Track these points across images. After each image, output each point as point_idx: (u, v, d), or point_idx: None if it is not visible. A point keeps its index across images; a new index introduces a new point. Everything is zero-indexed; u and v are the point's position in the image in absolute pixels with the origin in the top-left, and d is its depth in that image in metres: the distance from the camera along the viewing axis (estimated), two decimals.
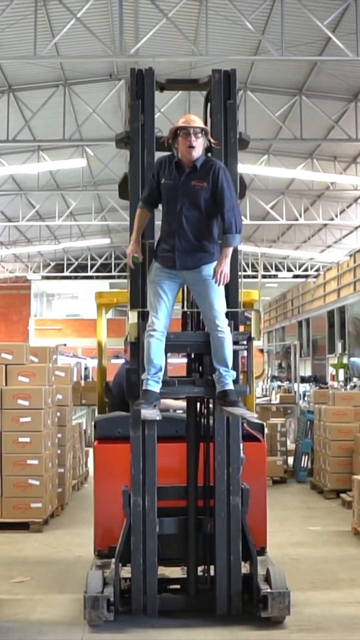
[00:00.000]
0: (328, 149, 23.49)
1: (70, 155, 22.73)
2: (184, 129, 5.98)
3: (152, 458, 6.05)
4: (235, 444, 6.11)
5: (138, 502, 6.01)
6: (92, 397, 14.37)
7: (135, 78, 6.39)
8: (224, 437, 6.11)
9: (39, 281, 44.31)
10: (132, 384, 6.11)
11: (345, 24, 15.22)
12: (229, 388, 5.95)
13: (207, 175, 5.99)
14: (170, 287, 6.06)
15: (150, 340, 5.94)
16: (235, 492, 6.06)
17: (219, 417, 6.09)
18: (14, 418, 9.87)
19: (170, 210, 6.06)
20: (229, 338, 5.98)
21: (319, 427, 13.33)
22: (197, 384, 6.18)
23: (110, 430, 7.03)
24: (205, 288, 5.99)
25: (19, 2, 14.37)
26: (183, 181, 6.02)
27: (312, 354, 36.95)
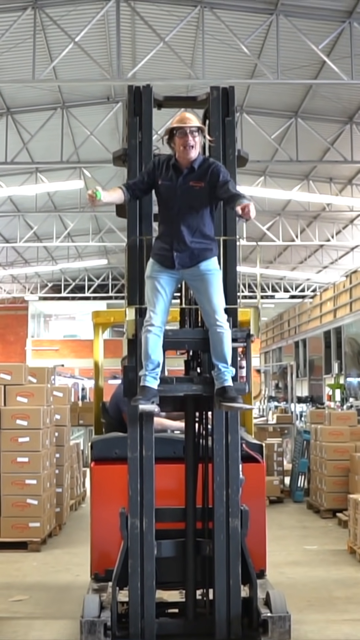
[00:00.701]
0: (324, 171, 23.66)
1: (68, 177, 22.88)
2: (180, 128, 5.86)
3: (150, 479, 5.88)
4: (234, 465, 5.96)
5: (135, 524, 5.85)
6: (89, 418, 14.42)
7: (132, 95, 6.28)
8: (222, 458, 5.94)
9: (36, 302, 44.39)
10: (130, 382, 5.95)
11: (339, 47, 15.40)
12: (228, 384, 5.80)
13: (205, 175, 5.89)
14: (168, 282, 5.92)
15: (148, 336, 5.80)
16: (234, 514, 5.92)
17: (218, 438, 5.94)
18: (12, 438, 9.93)
19: (168, 211, 5.96)
20: (228, 334, 5.84)
21: (316, 446, 13.39)
22: (195, 381, 6.04)
23: (107, 451, 6.88)
24: (204, 283, 5.88)
25: (18, 26, 14.55)
26: (181, 182, 5.91)
27: (309, 374, 36.93)
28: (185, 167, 5.92)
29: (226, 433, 5.94)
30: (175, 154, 5.94)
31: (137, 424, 5.90)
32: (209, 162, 5.99)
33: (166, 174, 5.96)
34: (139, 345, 5.88)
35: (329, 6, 14.63)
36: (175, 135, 5.87)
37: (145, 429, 5.87)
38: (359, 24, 14.73)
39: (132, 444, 5.90)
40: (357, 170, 23.27)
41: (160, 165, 6.00)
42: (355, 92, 17.92)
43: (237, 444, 6.00)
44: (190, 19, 14.76)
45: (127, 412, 6.02)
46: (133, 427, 5.93)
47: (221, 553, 5.88)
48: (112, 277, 40.33)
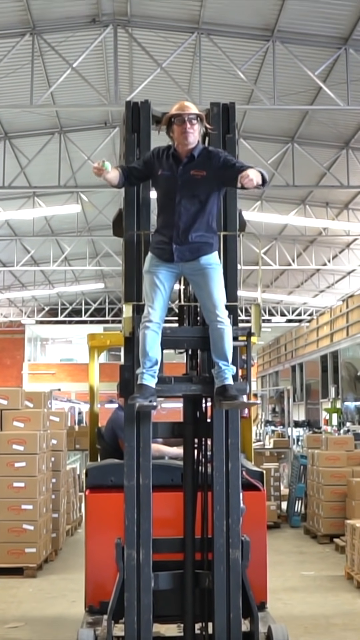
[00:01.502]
0: (320, 195, 23.75)
1: (65, 201, 22.95)
2: (178, 116, 5.67)
3: (147, 508, 5.61)
4: (234, 493, 5.70)
5: (132, 555, 5.56)
6: (86, 442, 14.36)
7: (130, 111, 6.08)
8: (223, 486, 5.67)
9: (33, 325, 44.38)
10: (127, 381, 5.71)
11: (335, 73, 15.50)
12: (229, 383, 5.57)
13: (206, 163, 5.68)
14: (167, 277, 5.70)
15: (146, 332, 5.56)
16: (235, 545, 5.64)
17: (218, 465, 5.67)
18: (8, 463, 9.92)
19: (168, 202, 5.73)
20: (229, 330, 5.61)
21: (312, 471, 13.38)
22: (194, 381, 5.82)
23: (103, 478, 6.72)
24: (204, 278, 5.65)
25: (16, 52, 14.63)
26: (181, 172, 5.69)
27: (306, 398, 36.93)
28: (185, 156, 5.73)
29: (226, 460, 5.70)
30: (174, 143, 5.77)
31: (135, 452, 5.64)
32: (210, 149, 5.82)
33: (166, 164, 5.76)
34: (136, 343, 5.67)
35: (325, 33, 14.74)
36: (173, 124, 5.70)
37: (142, 456, 5.63)
38: (354, 51, 14.83)
39: (129, 472, 5.65)
40: (354, 195, 23.36)
41: (159, 155, 5.81)
42: (351, 118, 18.03)
43: (238, 471, 5.75)
44: (187, 45, 14.86)
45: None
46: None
47: (221, 585, 5.62)
48: (108, 301, 40.36)
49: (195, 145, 5.72)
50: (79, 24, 14.97)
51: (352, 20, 14.15)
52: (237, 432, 5.74)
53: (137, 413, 5.58)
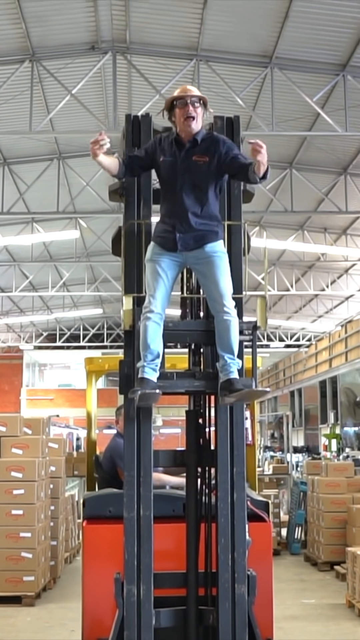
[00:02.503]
0: (318, 221, 23.79)
1: (64, 227, 22.97)
2: (180, 98, 5.51)
3: (148, 541, 5.32)
4: (240, 525, 5.42)
5: (132, 591, 5.28)
6: (84, 468, 14.30)
7: (131, 125, 5.88)
8: (228, 517, 5.40)
9: (31, 351, 44.33)
10: (127, 377, 5.45)
11: (333, 100, 15.57)
12: (234, 377, 5.30)
13: (209, 148, 5.49)
14: (170, 266, 5.46)
15: (147, 324, 5.30)
16: (240, 580, 5.34)
17: (222, 496, 5.38)
18: (7, 490, 9.85)
19: (170, 189, 5.53)
20: (235, 322, 5.35)
21: (312, 498, 13.31)
22: (197, 377, 5.57)
23: (101, 509, 6.38)
24: (210, 266, 5.41)
25: (15, 78, 14.69)
26: (183, 157, 5.50)
27: (305, 424, 36.85)
28: (188, 141, 5.53)
29: (232, 490, 5.42)
30: (176, 128, 5.58)
31: (135, 481, 5.35)
32: (213, 135, 5.62)
33: (168, 150, 5.56)
34: (137, 337, 5.42)
35: (323, 59, 14.81)
36: (176, 107, 5.53)
37: (142, 485, 5.37)
38: (352, 77, 14.90)
39: (129, 503, 5.38)
40: (352, 221, 23.40)
41: (161, 142, 5.62)
42: (350, 144, 18.10)
43: (244, 502, 5.47)
44: (186, 71, 14.92)
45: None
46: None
47: (226, 623, 5.31)
48: (107, 327, 40.34)
49: (198, 131, 5.54)
50: (78, 50, 15.04)
51: (350, 47, 14.23)
52: (243, 460, 5.48)
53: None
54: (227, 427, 5.45)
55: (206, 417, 5.80)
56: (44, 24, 13.98)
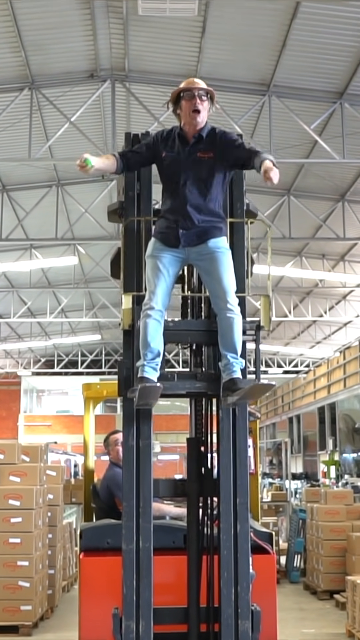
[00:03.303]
0: (316, 247, 23.85)
1: (62, 253, 23.01)
2: (187, 90, 5.39)
3: (147, 575, 5.10)
4: (243, 557, 5.18)
5: (131, 627, 5.03)
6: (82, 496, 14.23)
7: (130, 143, 5.70)
8: (230, 549, 5.15)
9: (29, 377, 44.28)
10: (126, 380, 5.27)
11: (331, 127, 15.65)
12: (237, 376, 5.12)
13: (213, 144, 5.37)
14: (172, 262, 5.30)
15: (147, 321, 5.12)
16: (244, 616, 5.08)
17: (225, 527, 5.18)
18: (4, 518, 9.79)
19: (173, 185, 5.38)
20: (239, 320, 5.18)
21: (312, 526, 13.24)
22: (199, 377, 5.38)
23: (98, 540, 6.16)
24: (213, 262, 5.25)
25: (15, 106, 14.77)
26: (187, 153, 5.38)
27: (303, 450, 36.69)
28: (192, 136, 5.42)
29: (235, 521, 5.20)
30: (181, 122, 5.48)
31: (134, 512, 5.14)
32: (218, 130, 5.50)
33: (171, 146, 5.44)
34: (136, 337, 5.24)
35: (320, 87, 14.91)
36: (182, 99, 5.41)
37: (142, 517, 5.15)
38: (349, 105, 14.99)
39: (127, 534, 5.16)
40: (350, 247, 23.45)
41: (163, 137, 5.50)
42: (347, 171, 18.18)
43: (247, 534, 5.25)
44: None
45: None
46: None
47: None
48: (105, 353, 40.32)
49: (203, 126, 5.43)
50: (77, 78, 15.13)
51: (347, 75, 14.33)
52: (247, 489, 5.28)
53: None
54: (230, 455, 5.27)
55: (208, 444, 5.64)
56: (43, 52, 14.07)
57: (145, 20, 12.72)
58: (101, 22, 13.51)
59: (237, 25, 13.14)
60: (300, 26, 12.92)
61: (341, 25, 12.94)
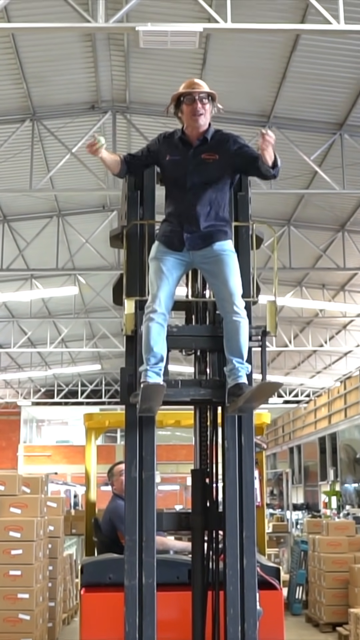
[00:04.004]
0: (317, 277, 23.89)
1: (63, 284, 23.04)
2: (187, 94, 5.28)
3: (150, 612, 4.93)
4: (250, 593, 5.01)
5: None
6: (82, 527, 14.15)
7: None
8: (237, 585, 4.98)
9: (29, 407, 44.18)
10: (129, 387, 5.15)
11: (331, 158, 15.73)
12: (243, 381, 4.97)
13: (219, 146, 5.28)
14: (175, 265, 5.18)
15: (150, 325, 4.99)
16: None
17: (231, 562, 4.99)
18: (5, 550, 9.71)
19: (177, 189, 5.29)
20: (245, 324, 5.05)
21: (313, 557, 13.15)
22: (203, 385, 5.27)
23: (100, 575, 5.95)
24: (219, 265, 5.14)
25: (16, 137, 14.85)
26: (192, 155, 5.26)
27: (304, 480, 36.58)
28: (197, 139, 5.31)
29: (241, 556, 5.03)
30: (183, 125, 5.37)
31: (137, 546, 4.98)
32: (223, 132, 5.41)
33: (174, 149, 5.33)
34: (139, 342, 5.10)
35: (320, 119, 15.00)
36: (182, 103, 5.31)
37: (145, 551, 4.98)
38: (349, 136, 15.08)
39: (130, 570, 5.00)
40: (350, 277, 23.49)
41: (165, 140, 5.42)
42: (347, 201, 18.23)
43: (254, 568, 5.08)
44: None
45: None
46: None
47: None
48: (105, 383, 40.26)
49: (206, 128, 5.35)
50: (79, 110, 15.24)
51: (347, 106, 14.42)
52: (253, 523, 5.13)
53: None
54: (236, 487, 5.14)
55: (213, 475, 5.50)
56: (44, 84, 14.17)
57: (146, 53, 12.81)
58: (102, 55, 13.62)
59: (238, 57, 13.24)
60: (300, 58, 13.03)
61: (340, 57, 13.04)
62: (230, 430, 5.23)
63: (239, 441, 5.22)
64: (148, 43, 10.24)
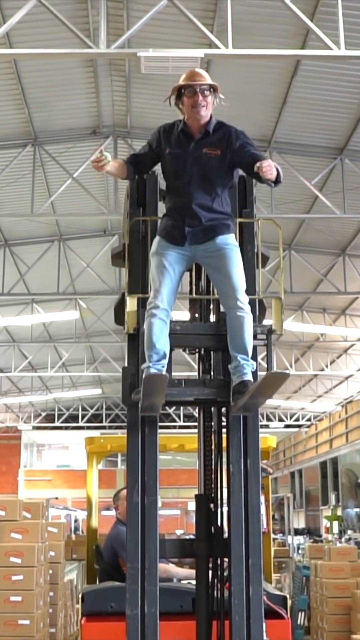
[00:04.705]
0: (317, 302, 23.89)
1: (64, 308, 23.04)
2: (188, 87, 5.13)
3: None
4: (256, 623, 4.81)
5: None
6: (83, 552, 14.07)
7: (135, 183, 5.50)
8: (242, 615, 4.79)
9: (29, 431, 44.07)
10: (131, 387, 5.02)
11: (331, 182, 15.77)
12: (248, 379, 4.84)
13: (221, 141, 5.16)
14: (177, 260, 5.07)
15: (152, 320, 4.87)
16: None
17: (237, 590, 4.82)
18: (5, 576, 9.64)
19: (178, 183, 5.18)
20: (249, 319, 4.93)
21: (315, 583, 13.07)
22: (207, 384, 5.11)
23: (101, 604, 5.79)
24: (222, 259, 5.02)
25: (18, 162, 14.89)
26: (193, 149, 5.14)
27: (306, 505, 36.46)
28: (198, 132, 5.19)
29: (247, 584, 4.86)
30: (184, 117, 5.23)
31: (139, 574, 4.80)
32: (226, 125, 5.28)
33: (175, 142, 5.20)
34: (141, 341, 4.97)
35: (321, 143, 15.06)
36: (183, 95, 5.16)
37: (147, 579, 4.79)
38: (350, 160, 15.12)
39: (132, 598, 4.83)
40: (351, 301, 23.50)
41: (166, 133, 5.27)
42: (348, 226, 18.27)
43: (260, 597, 4.89)
44: None
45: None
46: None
47: None
48: (106, 407, 40.18)
49: (208, 120, 5.23)
50: (80, 135, 15.30)
51: (347, 131, 14.48)
52: (259, 550, 4.96)
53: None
54: (242, 513, 4.99)
55: (217, 501, 5.36)
56: (46, 109, 14.23)
57: (147, 78, 12.86)
58: (104, 80, 13.69)
59: (238, 82, 13.29)
60: (301, 83, 13.09)
61: (341, 82, 13.11)
62: (235, 453, 5.09)
63: (245, 465, 5.08)
64: (149, 69, 10.29)
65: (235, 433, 5.14)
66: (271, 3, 10.64)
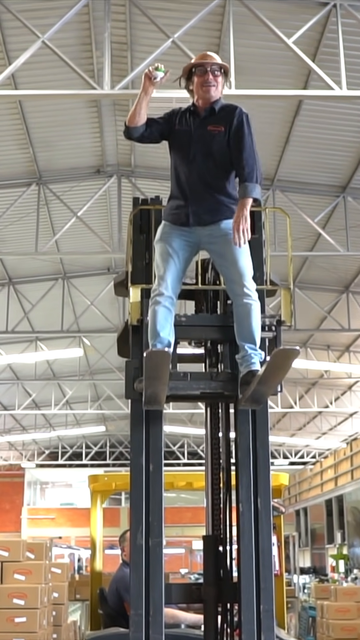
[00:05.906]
0: (321, 338, 23.88)
1: (68, 345, 23.04)
2: (200, 66, 5.17)
3: None
4: None
5: None
6: (86, 592, 13.95)
7: (139, 210, 5.44)
8: None
9: (32, 469, 43.89)
10: (134, 380, 4.83)
11: (334, 220, 15.82)
12: (256, 368, 4.65)
13: (226, 119, 5.11)
14: (182, 246, 4.96)
15: (156, 309, 4.72)
16: None
17: (247, 637, 4.53)
18: (8, 618, 9.54)
19: (182, 160, 5.15)
20: (256, 306, 4.79)
21: (322, 624, 12.93)
22: (214, 377, 4.92)
23: None
24: (226, 245, 4.87)
25: (22, 201, 14.97)
26: (197, 125, 5.14)
27: (311, 543, 36.14)
28: (204, 109, 5.18)
29: (258, 631, 4.58)
30: (194, 97, 5.24)
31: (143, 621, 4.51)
32: (233, 106, 5.22)
33: (183, 120, 5.22)
34: (145, 332, 4.83)
35: (323, 182, 15.13)
36: (194, 75, 5.20)
37: (152, 627, 4.51)
38: (352, 198, 15.19)
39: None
40: (354, 338, 23.49)
41: (177, 113, 5.29)
42: (351, 263, 18.30)
43: (273, 637, 4.63)
44: None
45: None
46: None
47: None
48: (109, 444, 40.05)
49: (217, 99, 5.20)
50: (84, 174, 15.39)
51: (350, 169, 14.56)
52: (271, 595, 4.69)
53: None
54: (252, 555, 4.73)
55: (226, 542, 5.11)
56: (50, 148, 14.33)
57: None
58: (108, 120, 13.79)
59: None
60: (303, 122, 13.19)
61: (343, 121, 13.20)
62: (245, 491, 4.85)
63: (255, 504, 4.84)
64: (153, 109, 10.35)
65: (245, 470, 4.92)
66: (273, 44, 10.74)
